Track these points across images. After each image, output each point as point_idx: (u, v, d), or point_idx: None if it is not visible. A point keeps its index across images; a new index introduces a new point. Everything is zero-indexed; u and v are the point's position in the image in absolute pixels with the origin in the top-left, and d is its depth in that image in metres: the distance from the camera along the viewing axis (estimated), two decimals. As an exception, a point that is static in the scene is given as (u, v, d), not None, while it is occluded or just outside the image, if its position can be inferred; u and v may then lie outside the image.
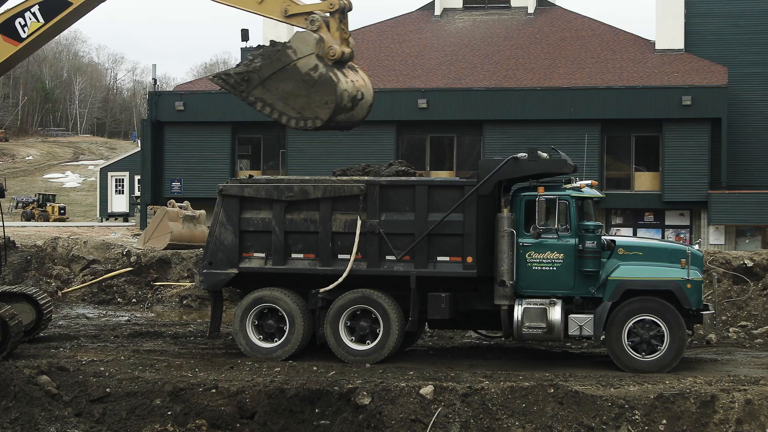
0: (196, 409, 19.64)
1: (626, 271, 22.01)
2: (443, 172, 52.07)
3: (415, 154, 52.72)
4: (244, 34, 62.72)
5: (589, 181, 23.21)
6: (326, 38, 21.78)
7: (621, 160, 52.15)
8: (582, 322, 21.99)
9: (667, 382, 20.01)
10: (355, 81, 22.34)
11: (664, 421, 18.34)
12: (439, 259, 22.53)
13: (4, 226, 25.76)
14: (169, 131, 54.20)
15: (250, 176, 23.83)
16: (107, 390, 20.04)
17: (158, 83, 59.29)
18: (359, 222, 22.66)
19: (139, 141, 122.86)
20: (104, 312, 33.04)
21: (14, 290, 25.83)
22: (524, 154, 22.49)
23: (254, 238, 23.35)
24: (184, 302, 34.44)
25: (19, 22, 23.61)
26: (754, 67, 53.55)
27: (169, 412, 19.61)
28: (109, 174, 69.81)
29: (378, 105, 50.46)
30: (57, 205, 75.04)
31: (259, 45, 23.28)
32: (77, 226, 58.50)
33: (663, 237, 48.92)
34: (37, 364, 20.79)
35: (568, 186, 22.69)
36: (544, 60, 55.05)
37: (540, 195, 22.26)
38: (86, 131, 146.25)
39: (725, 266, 29.42)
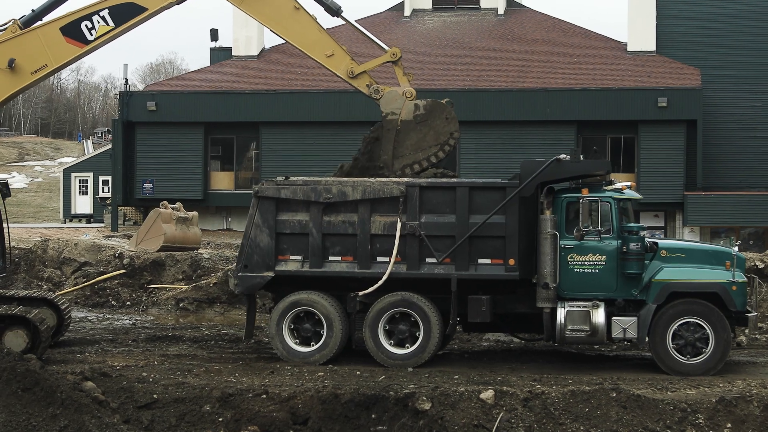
0: (247, 416, 19.17)
1: (671, 273, 21.89)
2: (419, 173, 51.69)
3: (390, 155, 52.45)
4: (214, 34, 62.47)
5: (628, 183, 23.11)
6: (398, 89, 24.68)
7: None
8: (626, 325, 21.85)
9: (720, 385, 19.95)
10: None
11: (729, 425, 18.19)
12: (480, 261, 22.32)
13: (8, 227, 25.36)
14: (141, 131, 53.52)
15: (286, 177, 23.45)
16: (154, 396, 19.53)
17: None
18: (399, 224, 22.39)
19: (84, 142, 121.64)
20: (102, 315, 32.46)
21: (35, 295, 25.32)
22: (566, 156, 22.36)
23: (290, 241, 22.97)
24: (181, 305, 33.85)
25: (86, 25, 23.46)
26: (723, 68, 53.98)
27: (220, 419, 19.13)
28: (73, 175, 68.59)
29: (353, 105, 50.61)
30: None
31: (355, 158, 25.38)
32: (45, 228, 57.42)
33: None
34: (80, 370, 20.30)
35: (609, 188, 22.57)
36: (517, 61, 55.05)
37: (583, 197, 22.11)
38: (30, 131, 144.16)
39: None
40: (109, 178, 63.22)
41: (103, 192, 65.86)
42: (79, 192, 67.55)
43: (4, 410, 18.28)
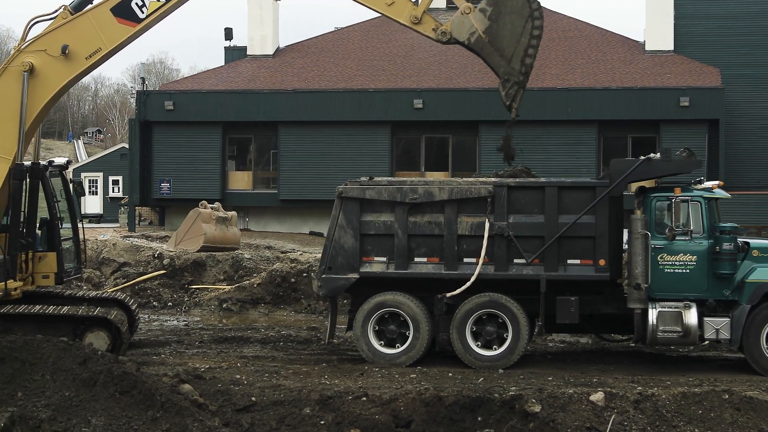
0: (348, 418, 18.85)
1: (765, 274, 21.70)
2: (438, 173, 51.35)
3: (410, 155, 52.28)
4: (228, 33, 61.92)
5: (717, 182, 22.97)
6: (456, 13, 23.87)
7: (617, 161, 51.90)
8: (718, 326, 21.63)
9: (825, 386, 19.79)
10: None
11: (844, 426, 18.06)
12: (569, 262, 22.06)
13: (83, 226, 25.15)
14: (158, 131, 52.91)
15: (371, 178, 23.14)
16: (252, 399, 19.21)
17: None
18: (487, 225, 22.11)
19: (75, 142, 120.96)
20: (146, 316, 32.03)
21: (105, 296, 24.98)
22: (657, 155, 22.20)
23: (375, 242, 22.65)
24: (224, 306, 33.47)
25: (136, 3, 22.84)
26: (742, 68, 53.78)
27: (322, 422, 18.82)
28: (83, 174, 67.99)
29: (372, 105, 50.17)
30: None
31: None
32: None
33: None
34: (173, 373, 19.97)
35: (699, 187, 22.42)
36: (535, 60, 54.64)
37: (674, 196, 21.94)
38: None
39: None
40: (120, 178, 62.79)
41: (113, 192, 65.35)
42: (89, 192, 66.95)
43: (104, 413, 18.02)
